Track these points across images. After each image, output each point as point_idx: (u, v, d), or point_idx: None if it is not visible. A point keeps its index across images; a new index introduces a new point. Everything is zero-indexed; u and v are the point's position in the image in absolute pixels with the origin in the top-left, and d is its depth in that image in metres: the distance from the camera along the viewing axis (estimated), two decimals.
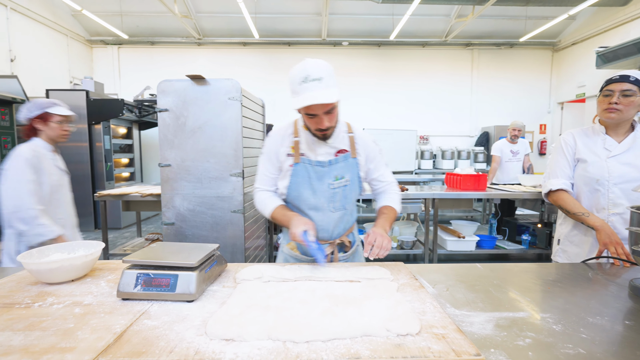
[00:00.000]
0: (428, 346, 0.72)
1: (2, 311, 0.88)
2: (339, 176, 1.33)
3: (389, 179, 1.45)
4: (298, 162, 1.32)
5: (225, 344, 0.73)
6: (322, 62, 1.17)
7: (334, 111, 1.21)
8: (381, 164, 1.43)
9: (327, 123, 1.20)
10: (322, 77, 1.13)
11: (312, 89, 1.12)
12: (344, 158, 1.33)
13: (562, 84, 8.18)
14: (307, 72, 1.13)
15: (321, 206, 1.34)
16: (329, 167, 1.31)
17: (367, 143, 1.39)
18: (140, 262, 0.96)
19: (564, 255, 1.61)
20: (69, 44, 7.19)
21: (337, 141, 1.33)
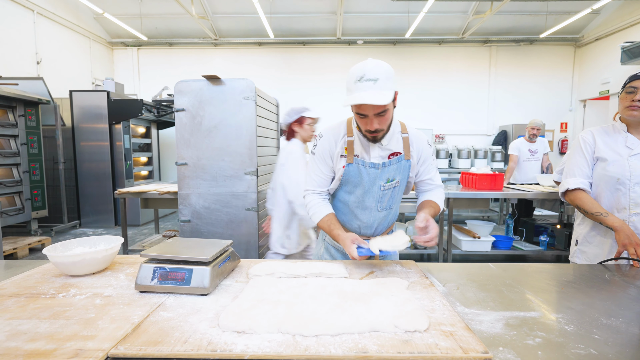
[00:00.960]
0: (435, 343, 0.72)
1: (29, 300, 0.94)
2: (391, 178, 1.33)
3: (437, 182, 1.44)
4: (351, 162, 1.31)
5: (237, 335, 0.75)
6: (383, 64, 1.15)
7: (386, 115, 1.18)
8: (432, 166, 1.41)
9: (376, 125, 1.18)
10: (378, 78, 1.11)
11: (365, 89, 1.11)
12: (397, 160, 1.32)
13: (584, 81, 7.91)
14: (364, 72, 1.12)
15: (369, 206, 1.36)
16: (382, 169, 1.31)
17: (421, 145, 1.36)
18: (157, 257, 1.00)
19: (583, 256, 1.57)
20: (91, 46, 7.43)
21: (391, 143, 1.31)
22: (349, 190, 1.35)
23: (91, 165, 5.50)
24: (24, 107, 4.56)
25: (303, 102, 1.21)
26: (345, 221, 1.42)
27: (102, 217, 5.58)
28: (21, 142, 4.51)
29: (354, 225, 1.42)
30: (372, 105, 1.12)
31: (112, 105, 5.33)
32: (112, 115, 5.36)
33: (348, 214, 1.41)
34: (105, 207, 5.54)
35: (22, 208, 4.51)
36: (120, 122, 5.44)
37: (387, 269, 1.20)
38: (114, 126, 5.46)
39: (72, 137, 5.41)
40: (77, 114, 5.37)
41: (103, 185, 5.48)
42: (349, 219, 1.41)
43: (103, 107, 5.31)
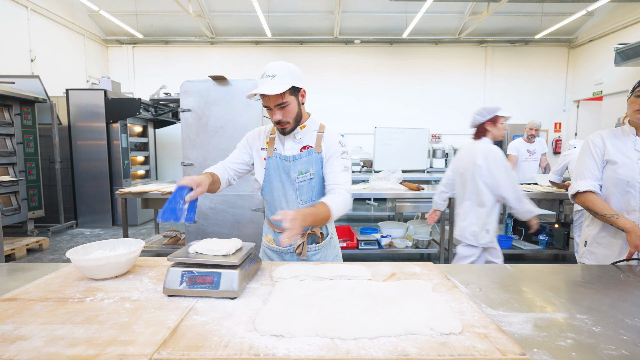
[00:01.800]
0: (473, 345, 0.74)
1: (58, 305, 0.93)
2: (303, 170, 1.40)
3: (340, 182, 1.38)
4: (271, 155, 1.43)
5: (276, 339, 0.76)
6: (283, 64, 1.29)
7: (288, 107, 1.31)
8: (337, 164, 1.40)
9: (278, 116, 1.31)
10: (276, 74, 1.26)
11: (264, 84, 1.26)
12: (307, 153, 1.40)
13: (578, 81, 8.04)
14: (265, 70, 1.28)
15: (289, 198, 1.43)
16: (294, 161, 1.40)
17: (331, 141, 1.43)
18: (184, 261, 1.00)
19: (592, 257, 1.60)
20: (85, 44, 7.32)
21: (304, 138, 1.43)
22: (273, 184, 1.44)
23: (88, 165, 5.42)
24: (19, 106, 4.48)
25: None
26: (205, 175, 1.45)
27: (99, 217, 5.51)
28: (17, 141, 4.43)
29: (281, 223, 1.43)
30: (271, 96, 1.27)
31: (110, 104, 5.26)
32: (110, 114, 5.30)
33: (276, 208, 1.46)
34: (103, 206, 5.48)
35: (19, 208, 4.44)
36: (117, 121, 5.37)
37: (408, 270, 1.21)
38: (111, 125, 5.39)
39: (69, 136, 5.33)
40: (74, 112, 5.29)
41: (100, 184, 5.42)
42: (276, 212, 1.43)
43: (100, 106, 5.24)
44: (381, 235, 3.86)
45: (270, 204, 1.50)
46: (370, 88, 8.20)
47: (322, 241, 1.48)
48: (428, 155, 7.42)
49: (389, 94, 8.24)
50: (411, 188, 3.64)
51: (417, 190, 3.54)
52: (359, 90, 8.23)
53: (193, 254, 1.04)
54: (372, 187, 3.76)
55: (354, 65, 8.18)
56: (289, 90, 1.28)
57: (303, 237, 1.44)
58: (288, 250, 1.48)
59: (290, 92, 1.29)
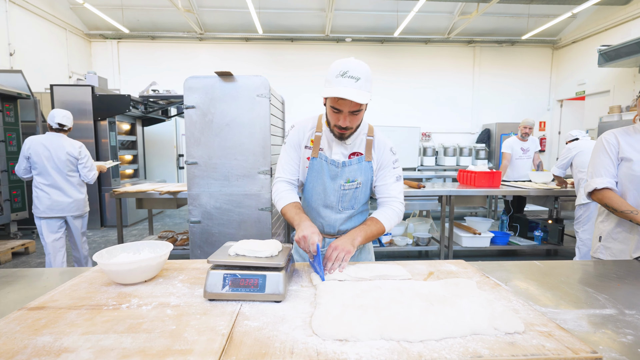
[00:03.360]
0: (542, 344, 0.73)
1: (94, 312, 0.87)
2: (351, 179, 1.32)
3: (393, 194, 1.34)
4: (316, 156, 1.33)
5: (341, 344, 0.73)
6: (365, 66, 1.17)
7: (360, 115, 1.21)
8: (390, 175, 1.35)
9: (347, 122, 1.20)
10: (360, 77, 1.13)
11: (347, 85, 1.12)
12: (357, 161, 1.32)
13: (561, 81, 8.29)
14: (348, 68, 1.14)
15: (330, 204, 1.36)
16: (342, 168, 1.31)
17: (383, 150, 1.35)
18: (226, 262, 0.96)
19: (607, 252, 1.64)
20: (67, 38, 7.03)
21: (355, 143, 1.33)
22: (313, 186, 1.36)
23: None
24: (1, 102, 4.25)
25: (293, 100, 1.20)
26: (311, 217, 1.40)
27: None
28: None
29: (317, 224, 1.39)
30: (349, 102, 1.14)
31: (97, 101, 5.07)
32: (97, 111, 5.10)
33: (312, 212, 1.41)
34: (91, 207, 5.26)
35: (1, 210, 4.22)
36: (105, 118, 5.18)
37: (444, 269, 1.20)
38: (99, 123, 5.19)
39: None
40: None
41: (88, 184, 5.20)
42: (313, 216, 1.41)
43: (87, 103, 5.03)
44: None
45: (307, 205, 1.42)
46: None
47: None
48: (419, 153, 7.50)
49: (380, 92, 8.27)
50: (412, 186, 3.66)
51: (418, 188, 3.56)
52: None
53: (233, 255, 0.99)
54: None
55: None
56: None
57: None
58: (323, 253, 1.43)
59: None
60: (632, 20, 6.32)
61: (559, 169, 3.50)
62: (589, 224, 3.26)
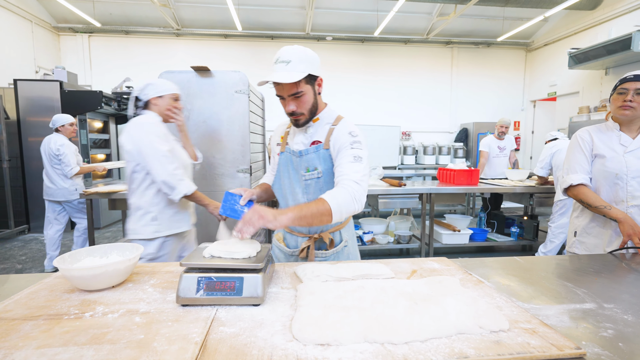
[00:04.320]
0: (526, 342, 0.72)
1: (52, 323, 0.79)
2: (310, 168, 1.29)
3: (345, 171, 1.18)
4: (283, 150, 1.37)
5: (323, 349, 0.69)
6: (299, 48, 1.19)
7: (303, 97, 1.21)
8: (346, 155, 1.21)
9: (292, 107, 1.21)
10: (291, 60, 1.15)
11: (278, 70, 1.16)
12: (315, 149, 1.29)
13: (534, 82, 8.58)
14: (279, 55, 1.18)
15: (296, 197, 1.33)
16: (300, 157, 1.30)
17: (340, 133, 1.25)
18: (200, 265, 0.90)
19: (582, 247, 1.68)
20: (33, 31, 6.65)
21: (316, 132, 1.31)
22: (282, 180, 1.38)
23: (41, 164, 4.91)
24: None
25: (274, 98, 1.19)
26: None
27: None
28: None
29: None
30: (284, 85, 1.17)
31: (67, 97, 4.81)
32: (66, 108, 4.84)
33: (283, 207, 1.39)
34: None
35: None
36: (75, 115, 4.92)
37: (427, 266, 1.19)
38: None
39: (18, 132, 4.81)
40: (24, 105, 4.78)
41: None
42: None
43: (55, 99, 4.78)
44: (363, 231, 3.87)
45: (279, 202, 1.42)
46: (342, 85, 8.21)
47: (331, 248, 1.37)
48: (399, 152, 7.57)
49: (361, 91, 8.30)
50: (392, 184, 3.67)
51: (399, 187, 3.58)
52: (330, 87, 8.19)
53: (208, 257, 0.93)
54: None
55: (325, 62, 8.13)
56: (305, 79, 1.18)
57: (309, 240, 1.34)
58: (294, 253, 1.40)
59: (306, 81, 1.19)
60: (599, 25, 6.60)
61: (542, 170, 3.57)
62: (563, 219, 3.36)
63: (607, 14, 6.33)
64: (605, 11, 6.41)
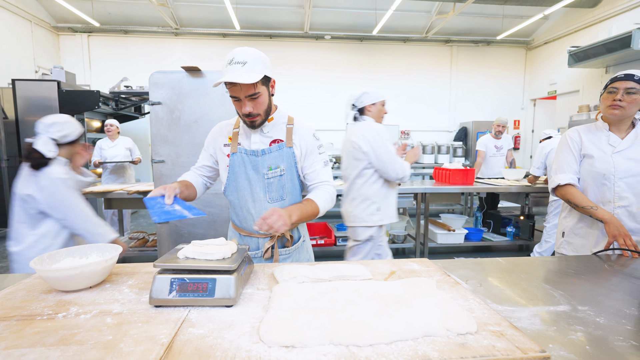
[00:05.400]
0: (492, 344, 0.72)
1: (24, 324, 0.80)
2: (273, 166, 1.31)
3: (324, 178, 1.36)
4: (235, 151, 1.33)
5: (287, 351, 0.70)
6: (253, 50, 1.19)
7: (259, 99, 1.22)
8: (317, 160, 1.36)
9: (249, 108, 1.21)
10: (247, 61, 1.15)
11: (234, 71, 1.14)
12: (278, 147, 1.32)
13: (534, 81, 8.54)
14: (233, 55, 1.17)
15: (257, 196, 1.33)
16: (262, 156, 1.31)
17: (304, 135, 1.35)
18: (173, 267, 0.90)
19: (569, 247, 1.67)
20: (33, 31, 6.69)
21: (273, 131, 1.34)
22: (238, 182, 1.34)
23: None
24: None
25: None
26: (242, 218, 1.37)
27: None
28: None
29: (249, 223, 1.37)
30: (242, 86, 1.16)
31: (64, 97, 4.83)
32: (64, 108, 4.85)
33: (242, 209, 1.36)
34: None
35: None
36: (73, 115, 4.93)
37: (407, 267, 1.19)
38: None
39: (17, 131, 4.83)
40: (22, 105, 4.80)
41: None
42: (244, 214, 1.36)
43: (53, 99, 4.79)
44: None
45: (235, 205, 1.38)
46: (341, 84, 8.20)
47: (291, 245, 1.40)
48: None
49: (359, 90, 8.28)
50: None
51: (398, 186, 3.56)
52: (329, 86, 8.21)
53: (183, 258, 0.94)
54: None
55: (324, 61, 8.14)
56: (261, 80, 1.18)
57: (272, 240, 1.35)
58: (255, 255, 1.38)
59: (262, 82, 1.19)
60: (599, 23, 6.56)
61: (537, 169, 3.56)
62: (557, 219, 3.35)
63: (608, 11, 6.28)
64: (606, 9, 6.36)
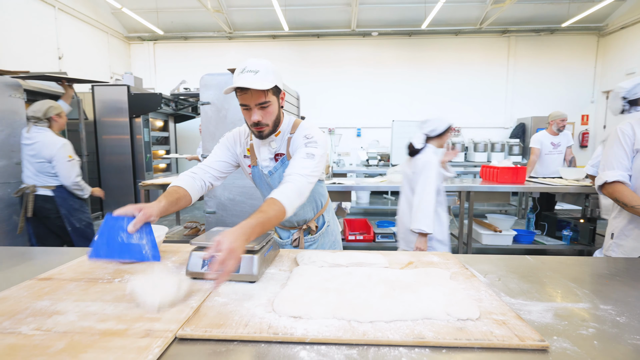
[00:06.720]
0: (490, 330, 0.74)
1: (89, 284, 0.98)
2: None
3: (294, 170, 1.19)
4: (255, 165, 1.38)
5: (294, 320, 0.78)
6: (265, 61, 1.19)
7: (269, 108, 1.21)
8: (300, 152, 1.24)
9: (258, 117, 1.19)
10: (259, 70, 1.15)
11: (245, 79, 1.14)
12: (281, 163, 1.35)
13: (608, 71, 7.67)
14: (245, 65, 1.17)
15: None
16: (271, 177, 1.36)
17: (296, 140, 1.31)
18: (206, 245, 1.04)
19: (619, 250, 1.55)
20: (109, 41, 7.54)
21: (279, 145, 1.35)
22: (262, 189, 1.45)
23: (112, 158, 5.61)
24: None
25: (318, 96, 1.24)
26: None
27: None
28: None
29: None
30: (252, 94, 1.16)
31: (132, 99, 5.42)
32: (132, 109, 5.45)
33: None
34: (126, 198, 5.66)
35: None
36: (140, 115, 5.53)
37: (426, 259, 1.21)
38: (134, 120, 5.55)
39: (95, 130, 5.53)
40: (99, 108, 5.47)
41: (124, 177, 5.60)
42: None
43: (123, 101, 5.40)
44: None
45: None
46: (388, 81, 8.10)
47: (316, 233, 1.51)
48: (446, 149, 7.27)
49: (407, 86, 8.11)
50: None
51: None
52: (376, 83, 8.15)
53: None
54: (390, 180, 3.73)
55: (371, 58, 8.09)
56: (272, 90, 1.19)
57: (299, 231, 1.47)
58: (286, 243, 1.52)
59: (273, 92, 1.21)
60: None
61: (593, 168, 3.26)
62: None
63: None
64: None
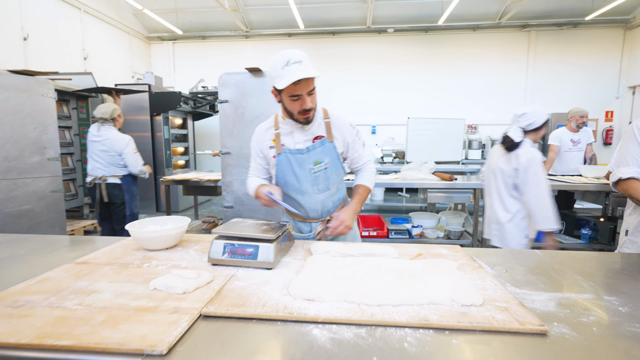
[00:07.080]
0: (492, 316, 0.78)
1: (121, 268, 1.08)
2: (319, 161, 1.42)
3: (366, 159, 1.56)
4: (280, 152, 1.43)
5: (308, 302, 0.85)
6: (297, 50, 1.25)
7: (314, 92, 1.31)
8: (358, 145, 1.51)
9: (309, 103, 1.28)
10: (302, 60, 1.21)
11: (295, 70, 1.19)
12: (320, 143, 1.42)
13: (635, 65, 7.39)
14: (288, 57, 1.22)
15: (306, 190, 1.45)
16: (307, 153, 1.41)
17: (343, 127, 1.46)
18: (227, 234, 1.11)
19: (633, 247, 1.54)
20: (130, 41, 7.79)
21: (314, 128, 1.42)
22: (285, 178, 1.45)
23: None
24: (75, 101, 4.90)
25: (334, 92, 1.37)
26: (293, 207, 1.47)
27: (144, 203, 5.92)
28: (74, 133, 4.86)
29: (301, 212, 1.51)
30: (304, 83, 1.23)
31: (153, 98, 5.60)
32: (153, 108, 5.64)
33: (292, 203, 1.49)
34: (147, 194, 5.88)
35: (76, 194, 4.89)
36: (160, 113, 5.71)
37: (435, 251, 1.25)
38: (155, 118, 5.74)
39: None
40: (122, 106, 5.65)
41: None
42: (294, 206, 1.49)
43: (145, 100, 5.59)
44: (412, 225, 3.86)
45: (286, 201, 1.52)
46: (403, 78, 8.05)
47: None
48: (463, 146, 7.20)
49: (423, 83, 8.04)
50: (444, 178, 3.59)
51: (450, 181, 3.49)
52: (391, 80, 8.11)
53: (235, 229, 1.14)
54: (404, 177, 3.75)
55: (386, 55, 8.06)
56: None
57: (323, 223, 1.52)
58: (308, 237, 1.56)
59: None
60: None
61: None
62: None
63: None
64: None
